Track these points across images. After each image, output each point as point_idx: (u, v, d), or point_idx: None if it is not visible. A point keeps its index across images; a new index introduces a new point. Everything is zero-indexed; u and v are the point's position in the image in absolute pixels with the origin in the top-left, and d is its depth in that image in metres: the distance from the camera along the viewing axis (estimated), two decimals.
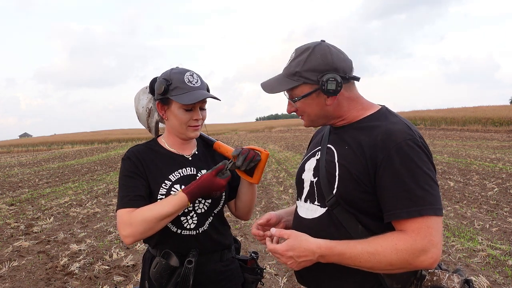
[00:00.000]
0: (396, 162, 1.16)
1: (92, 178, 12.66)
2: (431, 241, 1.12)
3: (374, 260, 1.15)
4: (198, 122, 1.53)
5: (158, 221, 1.39)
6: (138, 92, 1.75)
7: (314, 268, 1.29)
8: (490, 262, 4.17)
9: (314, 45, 1.28)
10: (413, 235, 1.13)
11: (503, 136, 24.38)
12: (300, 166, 1.48)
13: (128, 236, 1.40)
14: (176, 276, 1.41)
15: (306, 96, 1.27)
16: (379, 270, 1.18)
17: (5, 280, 4.04)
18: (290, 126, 50.57)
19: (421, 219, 1.13)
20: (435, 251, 1.13)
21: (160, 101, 1.54)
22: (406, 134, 1.19)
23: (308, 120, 1.36)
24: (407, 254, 1.13)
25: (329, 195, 1.25)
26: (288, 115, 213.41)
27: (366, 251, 1.15)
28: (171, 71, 1.53)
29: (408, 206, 1.14)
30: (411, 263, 1.13)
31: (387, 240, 1.15)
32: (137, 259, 4.44)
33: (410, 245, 1.12)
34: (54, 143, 48.51)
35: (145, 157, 1.54)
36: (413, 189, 1.14)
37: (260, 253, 4.63)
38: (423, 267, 1.16)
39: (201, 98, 1.46)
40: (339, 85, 1.23)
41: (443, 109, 44.94)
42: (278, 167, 12.85)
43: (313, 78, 1.24)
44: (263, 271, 1.68)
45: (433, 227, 1.13)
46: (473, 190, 8.01)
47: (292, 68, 1.29)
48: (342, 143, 1.31)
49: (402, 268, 1.16)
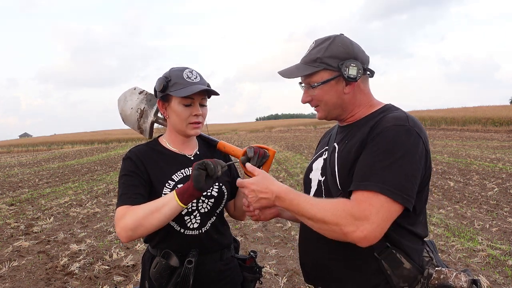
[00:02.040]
0: (375, 141, 1.18)
1: (92, 178, 12.66)
2: (367, 216, 1.11)
3: (312, 211, 1.16)
4: (198, 118, 1.52)
5: (146, 216, 1.35)
6: (123, 93, 1.72)
7: (320, 267, 1.30)
8: (490, 262, 4.17)
9: (334, 36, 1.33)
10: (355, 203, 1.14)
11: (503, 136, 24.37)
12: (308, 166, 1.50)
13: (119, 232, 1.37)
14: (176, 276, 1.41)
15: (326, 82, 1.29)
16: (317, 228, 1.19)
17: (5, 280, 4.04)
18: (290, 126, 50.57)
19: (367, 193, 1.14)
20: (368, 227, 1.11)
21: (161, 99, 1.54)
22: (398, 120, 1.20)
23: (323, 110, 1.36)
24: (341, 216, 1.12)
25: (337, 192, 1.27)
26: (288, 115, 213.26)
27: (310, 201, 1.19)
28: (171, 69, 1.55)
29: (362, 180, 1.16)
30: (342, 227, 1.12)
31: (332, 200, 1.20)
32: (137, 259, 4.44)
33: (348, 209, 1.13)
34: (54, 143, 48.50)
35: (147, 157, 1.54)
36: (376, 165, 1.15)
37: (259, 253, 4.64)
38: (353, 239, 1.13)
39: (196, 90, 1.45)
40: (360, 72, 1.26)
41: (443, 109, 44.94)
42: (278, 167, 12.86)
43: (334, 65, 1.27)
44: (261, 270, 1.69)
45: (375, 205, 1.12)
46: (473, 190, 8.01)
47: (312, 56, 1.31)
48: (344, 139, 1.33)
49: (333, 230, 1.15)
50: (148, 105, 1.70)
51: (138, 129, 1.70)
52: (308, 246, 1.38)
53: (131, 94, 1.69)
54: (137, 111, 1.67)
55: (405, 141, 1.16)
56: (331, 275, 1.30)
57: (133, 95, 1.68)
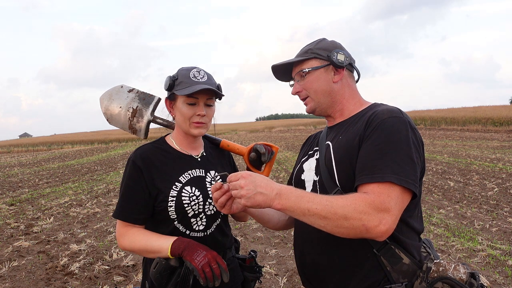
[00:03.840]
0: (376, 134, 1.20)
1: (92, 178, 12.66)
2: (388, 208, 1.10)
3: (330, 209, 1.11)
4: (201, 118, 1.50)
5: (141, 252, 1.46)
6: (107, 92, 1.65)
7: (320, 268, 1.29)
8: (490, 262, 4.18)
9: (323, 38, 1.46)
10: (373, 195, 1.12)
11: (503, 136, 24.37)
12: (298, 167, 1.48)
13: (119, 245, 1.52)
14: (176, 276, 1.41)
15: (316, 69, 1.37)
16: (332, 226, 1.13)
17: (5, 280, 4.04)
18: (290, 126, 50.56)
19: (383, 184, 1.13)
20: (389, 220, 1.10)
21: (168, 98, 1.55)
22: (392, 112, 1.23)
23: (313, 100, 1.40)
24: (363, 210, 1.09)
25: (334, 188, 1.27)
26: (288, 115, 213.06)
27: (326, 198, 1.14)
28: (180, 69, 1.55)
29: (374, 172, 1.15)
30: (365, 223, 1.09)
31: (348, 195, 1.15)
32: (137, 259, 4.44)
33: (370, 202, 1.10)
34: (54, 143, 48.49)
35: (153, 158, 1.52)
36: (385, 157, 1.15)
37: (259, 253, 4.64)
38: (375, 234, 1.11)
39: (197, 89, 1.44)
40: (347, 60, 1.37)
41: (443, 109, 44.94)
42: (278, 167, 12.85)
43: (324, 54, 1.38)
44: (261, 269, 1.69)
45: (393, 196, 1.12)
46: (473, 190, 8.01)
47: (305, 48, 1.43)
48: (337, 136, 1.35)
49: (355, 227, 1.10)
50: (142, 104, 1.64)
51: (129, 129, 1.64)
52: (306, 248, 1.37)
53: (117, 93, 1.62)
54: (127, 110, 1.61)
55: (404, 131, 1.19)
56: (330, 275, 1.30)
57: (120, 93, 1.62)
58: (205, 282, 1.31)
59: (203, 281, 1.31)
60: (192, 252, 1.34)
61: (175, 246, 1.37)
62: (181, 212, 1.47)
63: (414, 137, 1.20)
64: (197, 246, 1.36)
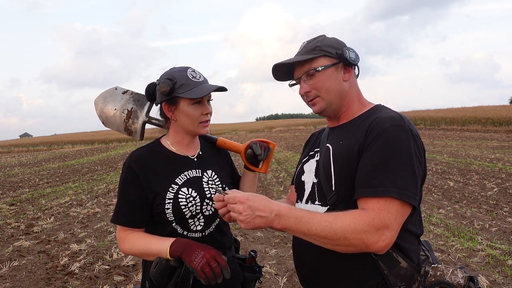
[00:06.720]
0: (377, 144, 1.18)
1: (92, 178, 12.66)
2: (387, 225, 1.10)
3: (329, 230, 1.11)
4: (208, 116, 1.52)
5: (142, 255, 1.47)
6: (101, 94, 1.64)
7: (317, 270, 1.29)
8: (489, 262, 4.18)
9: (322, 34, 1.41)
10: (373, 213, 1.11)
11: (502, 136, 24.37)
12: (299, 168, 1.48)
13: (120, 249, 1.52)
14: (176, 276, 1.41)
15: (328, 67, 1.32)
16: (332, 245, 1.14)
17: (6, 280, 4.05)
18: (290, 126, 50.56)
19: (383, 200, 1.12)
20: (389, 235, 1.11)
21: (167, 102, 1.50)
22: (394, 120, 1.21)
23: (324, 100, 1.35)
24: (363, 230, 1.09)
25: (330, 193, 1.26)
26: (288, 115, 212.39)
27: (324, 219, 1.13)
28: (172, 70, 1.51)
29: (374, 186, 1.14)
30: (365, 241, 1.10)
31: (347, 213, 1.14)
32: (137, 259, 4.44)
33: (369, 222, 1.10)
34: (54, 143, 48.50)
35: (149, 161, 1.51)
36: (383, 169, 1.14)
37: (259, 253, 4.64)
38: (375, 250, 1.12)
39: (212, 89, 1.44)
40: (357, 58, 1.34)
41: (443, 109, 44.94)
42: (278, 167, 12.85)
43: (333, 52, 1.33)
44: (261, 269, 1.69)
45: (393, 212, 1.11)
46: (473, 190, 8.02)
47: (311, 46, 1.35)
48: (338, 139, 1.33)
49: (355, 245, 1.11)
50: (136, 105, 1.63)
51: (125, 131, 1.62)
52: (303, 250, 1.37)
53: (112, 95, 1.61)
54: (123, 112, 1.59)
55: (406, 142, 1.17)
56: (327, 278, 1.30)
57: (114, 95, 1.60)
58: (207, 281, 1.31)
59: (204, 281, 1.31)
60: (190, 254, 1.34)
61: (173, 248, 1.37)
62: (179, 214, 1.47)
63: (415, 147, 1.18)
64: (195, 247, 1.36)
